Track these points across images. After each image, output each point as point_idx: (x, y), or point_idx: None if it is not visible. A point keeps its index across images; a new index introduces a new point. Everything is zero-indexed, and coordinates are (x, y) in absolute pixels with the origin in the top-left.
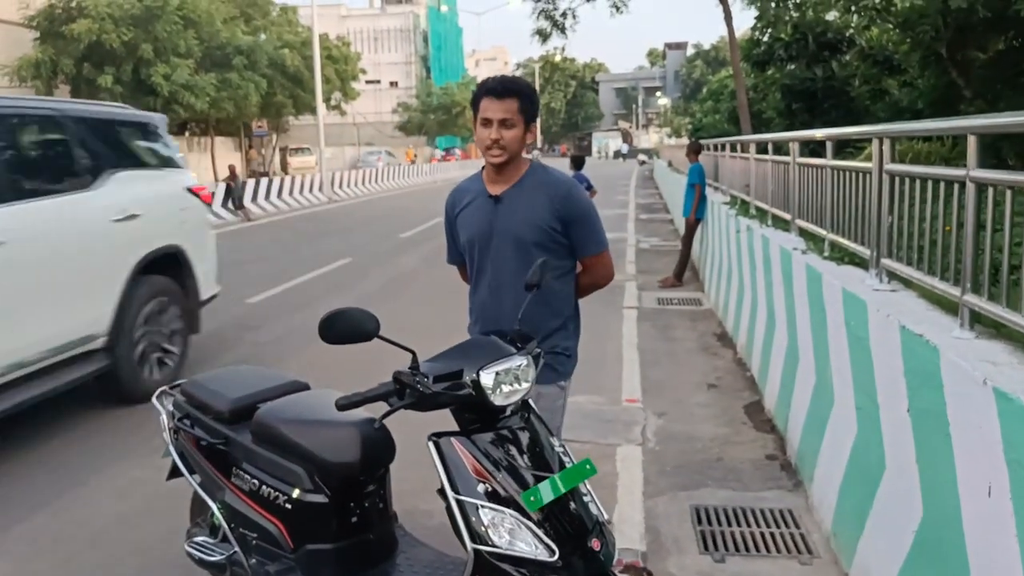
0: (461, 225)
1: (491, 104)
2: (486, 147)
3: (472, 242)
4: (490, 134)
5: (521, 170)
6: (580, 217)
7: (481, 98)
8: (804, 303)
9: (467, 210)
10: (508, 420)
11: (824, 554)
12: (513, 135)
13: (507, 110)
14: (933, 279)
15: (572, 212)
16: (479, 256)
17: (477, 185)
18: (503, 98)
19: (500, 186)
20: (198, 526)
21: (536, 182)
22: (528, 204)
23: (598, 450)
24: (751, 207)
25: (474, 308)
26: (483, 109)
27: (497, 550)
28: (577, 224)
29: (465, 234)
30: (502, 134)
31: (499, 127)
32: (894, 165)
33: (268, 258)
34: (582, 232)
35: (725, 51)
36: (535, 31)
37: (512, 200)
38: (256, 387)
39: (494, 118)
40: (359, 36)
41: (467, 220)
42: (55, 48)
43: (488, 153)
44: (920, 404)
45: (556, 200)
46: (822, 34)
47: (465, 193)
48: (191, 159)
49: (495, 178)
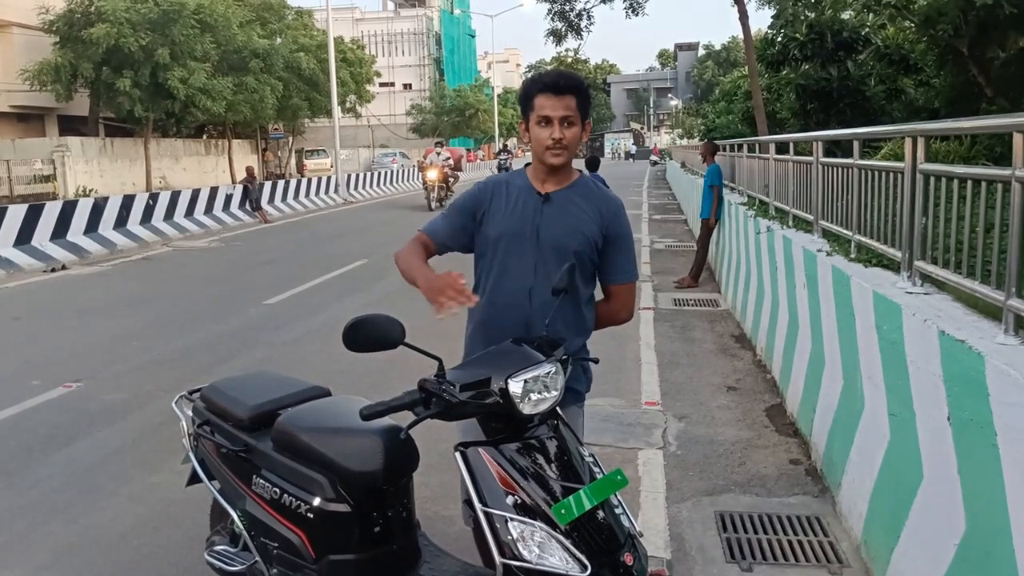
0: (492, 217)
1: (549, 101)
2: (547, 147)
3: (501, 237)
4: (552, 133)
5: (572, 174)
6: (622, 240)
7: (536, 95)
8: (830, 306)
9: (504, 203)
10: (536, 429)
11: (854, 563)
12: (574, 134)
13: (567, 107)
14: (973, 282)
15: (617, 232)
16: (504, 254)
17: (520, 180)
18: (562, 95)
19: (550, 185)
20: (218, 534)
21: (588, 191)
22: (578, 210)
23: (619, 454)
24: (770, 208)
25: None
26: (539, 107)
27: (527, 565)
28: (617, 246)
29: (495, 229)
30: (564, 133)
31: (560, 126)
32: (929, 165)
33: (285, 259)
34: (619, 256)
35: (736, 52)
36: (549, 32)
37: (562, 202)
38: (277, 393)
39: (555, 116)
40: (373, 39)
41: (502, 214)
42: (74, 52)
43: (549, 153)
44: (962, 413)
45: (607, 215)
46: (838, 33)
47: (505, 186)
48: (208, 162)
49: (545, 177)
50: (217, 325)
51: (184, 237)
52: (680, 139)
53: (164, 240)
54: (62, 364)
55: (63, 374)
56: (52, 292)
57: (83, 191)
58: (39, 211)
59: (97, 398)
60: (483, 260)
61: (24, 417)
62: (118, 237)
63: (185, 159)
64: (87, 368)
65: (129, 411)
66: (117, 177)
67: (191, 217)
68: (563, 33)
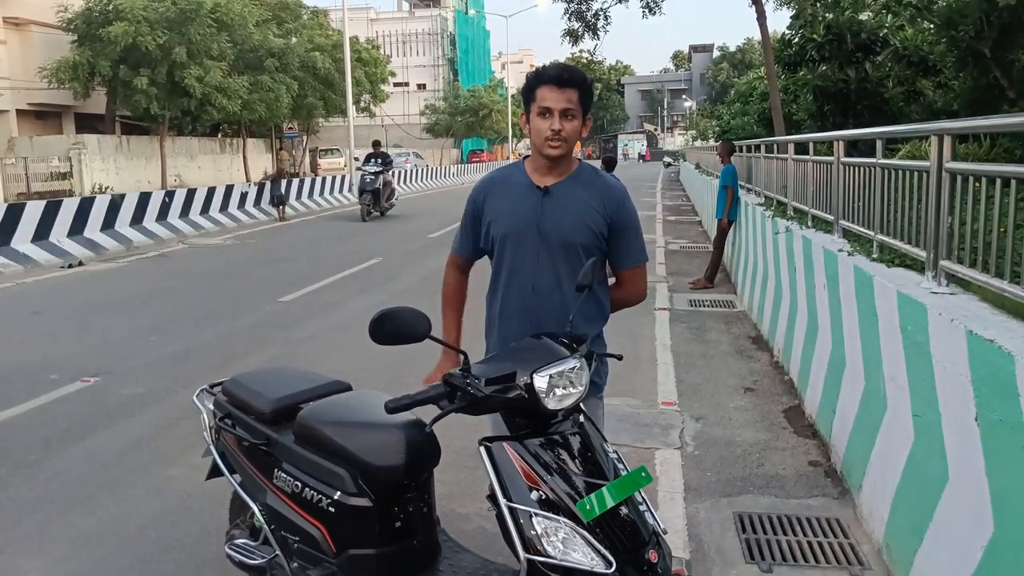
0: (494, 217)
1: (551, 93)
2: (545, 138)
3: (506, 236)
4: (551, 125)
5: (572, 165)
6: (628, 226)
7: (538, 87)
8: (852, 306)
9: (502, 201)
10: (560, 425)
11: (875, 565)
12: (574, 127)
13: (568, 100)
14: (1002, 282)
15: (622, 220)
16: (512, 253)
17: (517, 176)
18: (564, 88)
19: (550, 178)
20: (238, 527)
21: (588, 180)
22: (580, 202)
23: (636, 454)
24: (788, 208)
25: (500, 310)
26: (541, 98)
27: (551, 560)
28: (624, 233)
29: (499, 228)
30: (564, 125)
31: (560, 118)
32: (956, 163)
33: (300, 257)
34: (627, 242)
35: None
36: (565, 32)
37: (562, 194)
38: (298, 387)
39: (555, 108)
40: (388, 39)
41: (502, 212)
42: (92, 50)
43: (547, 144)
44: (991, 414)
45: (611, 205)
46: (856, 34)
47: (500, 183)
48: (223, 160)
49: (544, 170)
50: (233, 322)
51: (200, 234)
52: (694, 141)
53: (180, 237)
54: (80, 359)
55: (81, 369)
56: (69, 288)
57: (99, 188)
58: (56, 208)
59: (115, 392)
60: (495, 257)
61: (42, 411)
62: (134, 234)
63: (200, 157)
64: (105, 363)
65: (146, 405)
66: (133, 175)
67: (207, 215)
68: (580, 33)
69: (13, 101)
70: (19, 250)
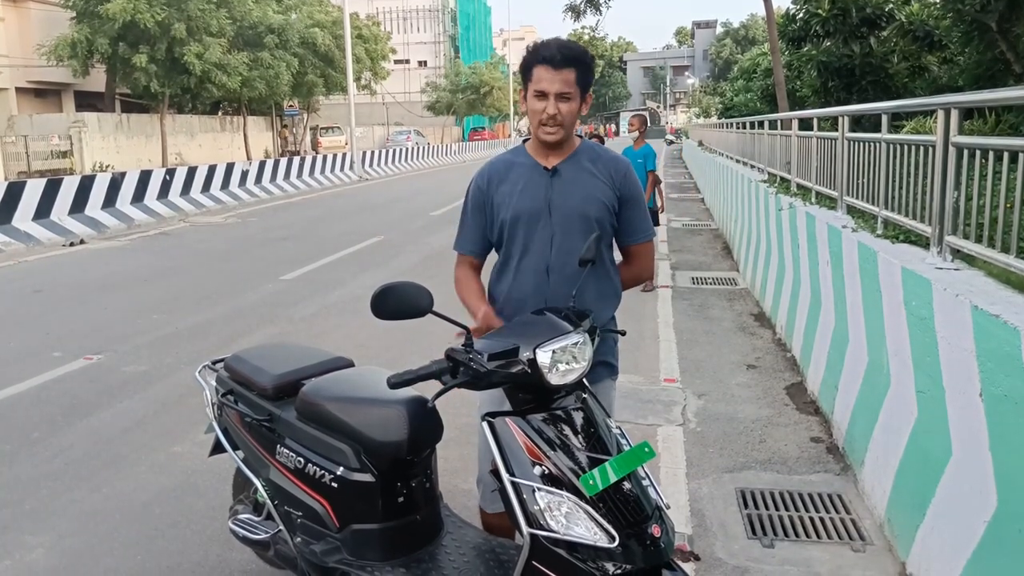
0: (502, 202)
1: (547, 74)
2: (540, 123)
3: (518, 219)
4: (546, 108)
5: (574, 143)
6: (634, 199)
7: (534, 66)
8: (855, 282)
9: (510, 185)
10: (563, 400)
11: (877, 540)
12: (570, 109)
13: (565, 81)
14: (1008, 257)
15: (629, 192)
16: (525, 235)
17: (522, 158)
18: (561, 68)
19: (555, 158)
20: (242, 503)
21: (593, 156)
22: (588, 178)
23: (639, 430)
24: (792, 185)
25: (510, 292)
26: (537, 80)
27: (554, 535)
28: (630, 206)
29: (509, 212)
30: (559, 108)
31: (556, 101)
32: (963, 138)
33: (301, 236)
34: (634, 216)
35: (755, 30)
36: (567, 7)
37: (569, 173)
38: (300, 363)
39: (550, 91)
40: (388, 16)
41: (511, 196)
42: (91, 28)
43: (542, 129)
44: (995, 389)
45: (617, 177)
46: (861, 9)
47: (504, 167)
48: (224, 138)
49: (546, 151)
50: (235, 300)
51: (201, 212)
52: (697, 118)
53: (181, 215)
54: (83, 336)
55: (84, 346)
56: (71, 266)
57: (99, 167)
58: (57, 186)
59: (118, 370)
60: (505, 242)
61: (46, 388)
62: (136, 212)
63: (200, 135)
64: (107, 340)
65: (150, 383)
66: (133, 153)
67: (208, 193)
68: (582, 8)
69: (12, 79)
70: (20, 228)
